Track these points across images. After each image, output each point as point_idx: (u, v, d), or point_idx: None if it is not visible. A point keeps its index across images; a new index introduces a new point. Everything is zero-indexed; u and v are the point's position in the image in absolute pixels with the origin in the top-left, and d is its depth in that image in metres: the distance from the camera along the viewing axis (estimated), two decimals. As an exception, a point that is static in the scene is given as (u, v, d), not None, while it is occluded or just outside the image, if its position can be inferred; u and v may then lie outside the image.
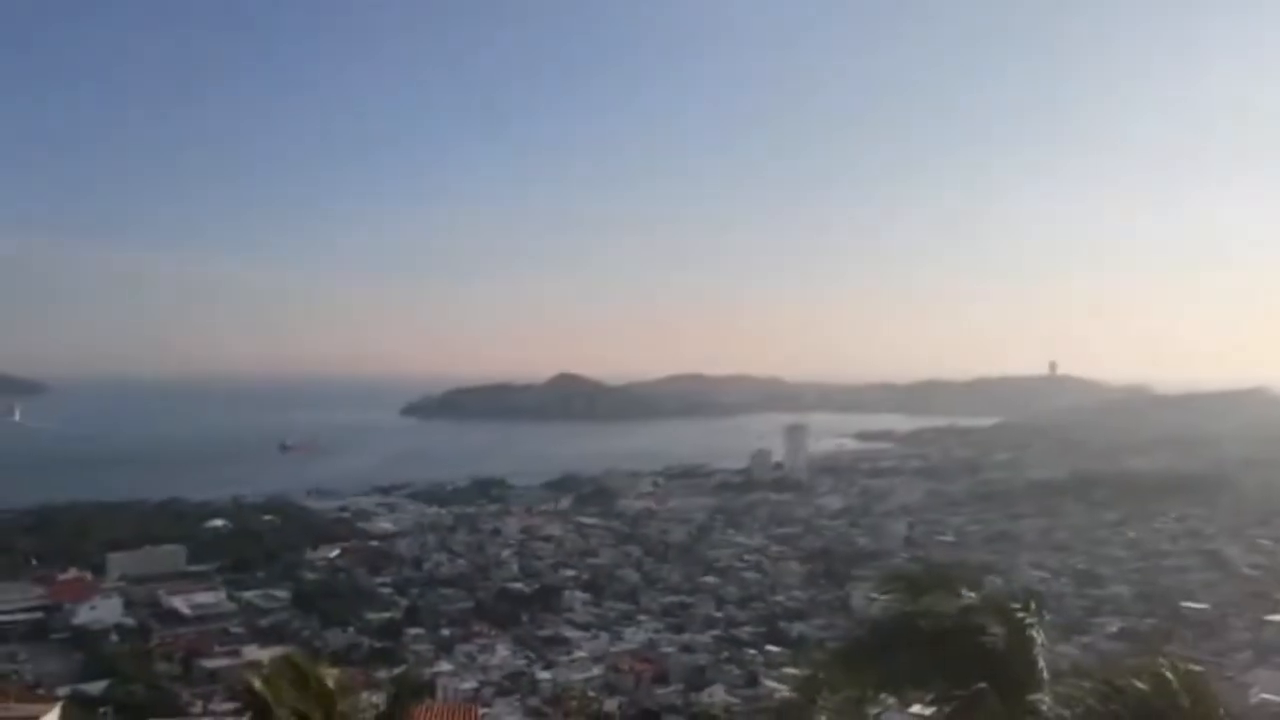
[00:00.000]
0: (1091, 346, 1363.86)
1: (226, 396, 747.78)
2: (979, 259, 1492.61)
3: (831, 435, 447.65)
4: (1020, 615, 13.92)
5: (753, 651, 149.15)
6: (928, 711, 14.30)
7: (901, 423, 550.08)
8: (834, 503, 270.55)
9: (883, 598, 16.38)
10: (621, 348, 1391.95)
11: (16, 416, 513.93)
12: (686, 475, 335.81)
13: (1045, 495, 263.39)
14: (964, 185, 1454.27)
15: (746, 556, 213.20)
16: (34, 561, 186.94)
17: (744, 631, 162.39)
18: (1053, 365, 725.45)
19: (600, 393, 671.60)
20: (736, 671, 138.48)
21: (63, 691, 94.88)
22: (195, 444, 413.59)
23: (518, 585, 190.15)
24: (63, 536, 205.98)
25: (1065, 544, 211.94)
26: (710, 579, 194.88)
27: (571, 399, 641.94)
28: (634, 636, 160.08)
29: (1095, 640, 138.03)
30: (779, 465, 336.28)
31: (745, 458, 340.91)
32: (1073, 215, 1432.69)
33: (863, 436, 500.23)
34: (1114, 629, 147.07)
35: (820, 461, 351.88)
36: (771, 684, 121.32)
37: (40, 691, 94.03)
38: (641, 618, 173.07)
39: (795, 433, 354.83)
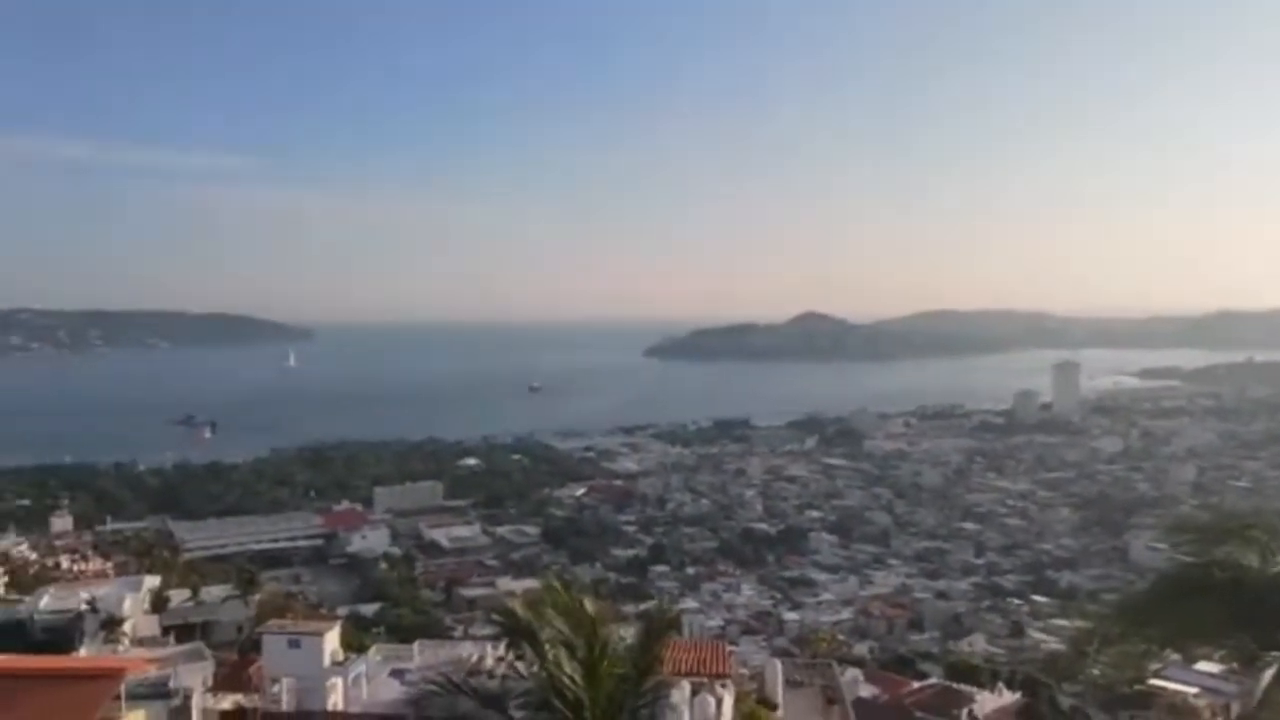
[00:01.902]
0: None
1: (477, 339, 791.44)
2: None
3: (1107, 372, 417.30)
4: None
5: (1017, 601, 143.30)
6: (1216, 669, 15.95)
7: (1189, 358, 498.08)
8: (1111, 445, 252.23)
9: (1169, 547, 16.68)
10: (868, 284, 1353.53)
11: (291, 362, 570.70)
12: (941, 416, 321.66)
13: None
14: (1267, 79, 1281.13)
15: (1010, 501, 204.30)
16: (312, 494, 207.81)
17: (1007, 580, 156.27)
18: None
19: (845, 331, 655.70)
20: (998, 621, 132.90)
21: (341, 612, 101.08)
22: (448, 385, 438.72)
23: (762, 526, 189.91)
24: (335, 471, 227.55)
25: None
26: (969, 524, 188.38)
27: (815, 338, 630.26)
28: (885, 580, 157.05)
29: None
30: (1047, 405, 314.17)
31: (1007, 398, 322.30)
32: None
33: (1144, 374, 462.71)
34: None
35: (1095, 401, 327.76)
36: (1038, 635, 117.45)
37: (323, 611, 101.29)
38: (892, 562, 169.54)
39: (1065, 370, 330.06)
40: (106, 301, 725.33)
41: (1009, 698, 60.86)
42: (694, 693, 29.20)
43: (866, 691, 57.87)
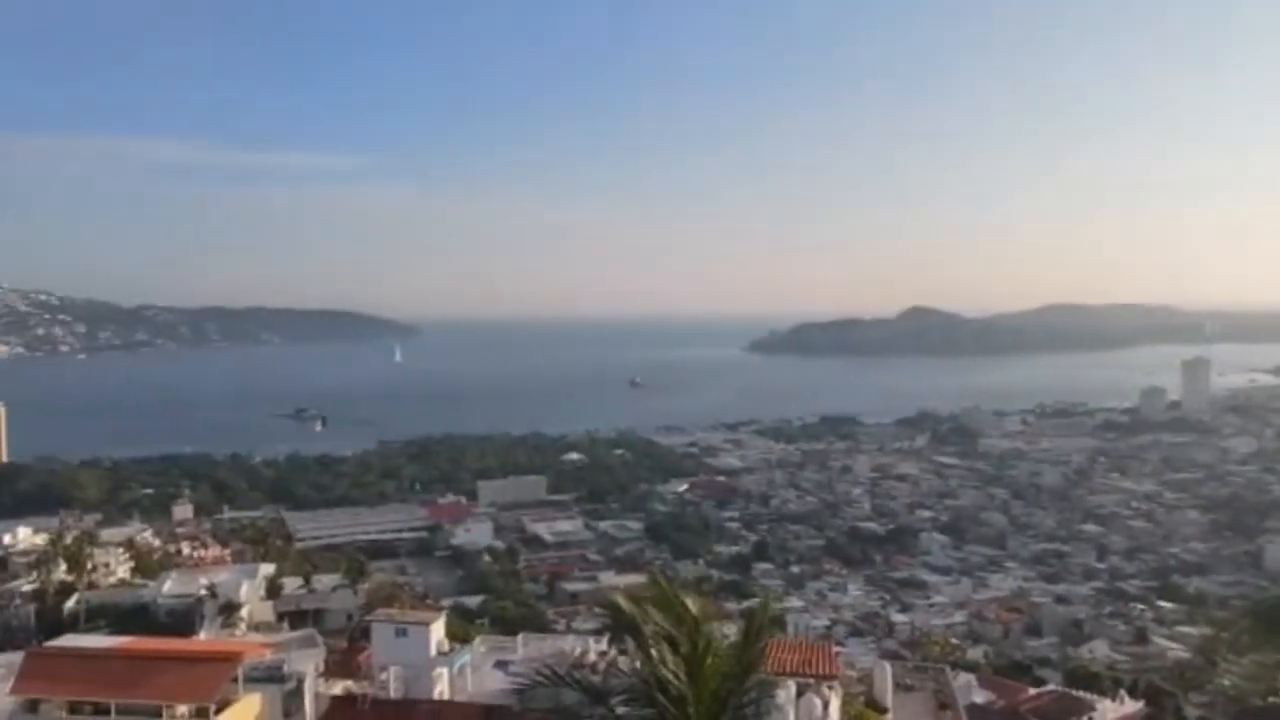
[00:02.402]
0: None
1: (580, 335, 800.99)
2: None
3: (1240, 369, 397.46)
4: None
5: (1141, 606, 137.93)
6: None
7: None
8: (1244, 445, 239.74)
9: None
10: (981, 278, 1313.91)
11: (398, 357, 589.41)
12: (1061, 414, 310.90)
13: None
14: None
15: (1134, 503, 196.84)
16: (417, 486, 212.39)
17: (1131, 584, 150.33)
18: None
19: (957, 325, 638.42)
20: (1121, 627, 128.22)
21: (445, 603, 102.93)
22: (551, 380, 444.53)
23: (870, 525, 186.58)
24: (440, 465, 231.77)
25: None
26: (1090, 526, 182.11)
27: (925, 332, 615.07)
28: (1000, 584, 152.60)
29: None
30: (1175, 404, 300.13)
31: (1132, 395, 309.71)
32: None
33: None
34: None
35: (1226, 399, 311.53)
36: (1164, 642, 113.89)
37: (428, 602, 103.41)
38: (1009, 564, 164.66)
39: (1195, 367, 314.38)
40: (224, 299, 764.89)
41: (1131, 706, 58.43)
42: (799, 693, 28.43)
43: (980, 697, 55.98)
